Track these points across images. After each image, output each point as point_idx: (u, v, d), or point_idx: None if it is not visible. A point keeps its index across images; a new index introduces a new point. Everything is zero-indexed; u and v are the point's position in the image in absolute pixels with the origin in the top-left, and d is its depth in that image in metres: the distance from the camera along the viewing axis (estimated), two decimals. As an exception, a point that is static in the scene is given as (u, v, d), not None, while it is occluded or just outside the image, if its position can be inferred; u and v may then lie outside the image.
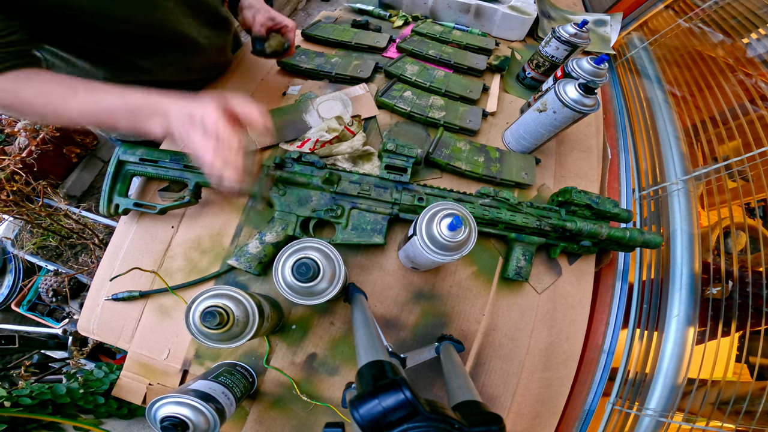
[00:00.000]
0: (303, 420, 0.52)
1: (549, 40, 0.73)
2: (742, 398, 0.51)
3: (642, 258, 0.70)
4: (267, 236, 0.54)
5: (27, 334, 0.99)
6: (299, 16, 2.46)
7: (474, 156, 0.67)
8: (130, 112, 0.44)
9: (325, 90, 0.74)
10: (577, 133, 0.79)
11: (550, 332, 0.60)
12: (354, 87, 0.74)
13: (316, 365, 0.54)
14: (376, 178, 0.59)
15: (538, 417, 0.56)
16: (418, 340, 0.57)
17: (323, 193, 0.58)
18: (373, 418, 0.20)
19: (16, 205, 0.84)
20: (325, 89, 0.75)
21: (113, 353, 1.04)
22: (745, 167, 0.58)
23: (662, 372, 0.57)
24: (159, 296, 0.56)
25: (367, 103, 0.72)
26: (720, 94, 0.71)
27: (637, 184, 0.78)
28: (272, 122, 0.46)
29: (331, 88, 0.75)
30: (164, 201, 0.60)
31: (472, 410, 0.28)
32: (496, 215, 0.58)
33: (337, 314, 0.56)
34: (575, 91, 0.57)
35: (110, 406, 0.66)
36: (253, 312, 0.40)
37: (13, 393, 0.57)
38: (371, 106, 0.72)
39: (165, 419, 0.36)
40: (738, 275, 0.57)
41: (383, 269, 0.59)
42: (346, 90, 0.73)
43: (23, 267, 1.17)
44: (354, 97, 0.72)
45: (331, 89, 0.74)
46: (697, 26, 0.85)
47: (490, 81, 0.83)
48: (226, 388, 0.43)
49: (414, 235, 0.45)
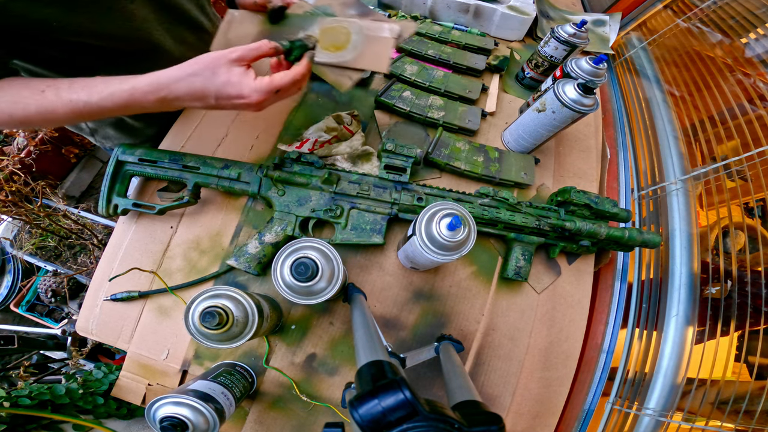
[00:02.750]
0: (303, 420, 0.52)
1: (548, 40, 0.73)
2: (742, 398, 0.51)
3: (641, 258, 0.70)
4: (266, 236, 0.54)
5: (26, 335, 0.99)
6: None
7: (473, 156, 0.67)
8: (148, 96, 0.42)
9: (348, 9, 0.54)
10: (576, 132, 0.79)
11: (550, 332, 0.60)
12: (381, 23, 0.51)
13: (316, 365, 0.54)
14: (375, 178, 0.59)
15: (537, 417, 0.56)
16: (418, 340, 0.57)
17: (322, 193, 0.58)
18: (373, 418, 0.20)
19: (14, 206, 0.84)
20: (351, 7, 0.54)
21: (112, 353, 1.04)
22: (744, 167, 0.58)
23: (661, 371, 0.57)
24: (158, 296, 0.56)
25: (380, 54, 0.51)
26: (719, 93, 0.71)
27: (636, 184, 0.78)
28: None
29: (356, 9, 0.54)
30: (163, 201, 0.60)
31: (472, 410, 0.28)
32: (495, 215, 0.58)
33: (336, 314, 0.56)
34: (574, 91, 0.57)
35: (110, 406, 0.66)
36: (252, 312, 0.40)
37: (13, 393, 0.57)
38: (382, 60, 0.51)
39: (164, 419, 0.36)
40: (737, 275, 0.57)
41: (382, 269, 0.59)
42: (369, 23, 0.51)
43: (22, 267, 1.17)
44: (371, 37, 0.51)
45: (357, 10, 0.54)
46: (695, 26, 0.85)
47: (489, 81, 0.83)
48: (225, 389, 0.43)
49: (413, 235, 0.45)
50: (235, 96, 0.41)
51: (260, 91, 0.41)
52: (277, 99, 0.44)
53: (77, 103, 0.41)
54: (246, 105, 0.42)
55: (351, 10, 0.54)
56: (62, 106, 0.41)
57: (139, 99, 0.41)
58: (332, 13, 0.54)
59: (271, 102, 0.44)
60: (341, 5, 0.55)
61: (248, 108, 0.43)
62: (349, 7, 0.54)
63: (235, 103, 0.42)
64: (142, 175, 0.57)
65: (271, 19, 0.53)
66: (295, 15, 0.54)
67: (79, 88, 0.41)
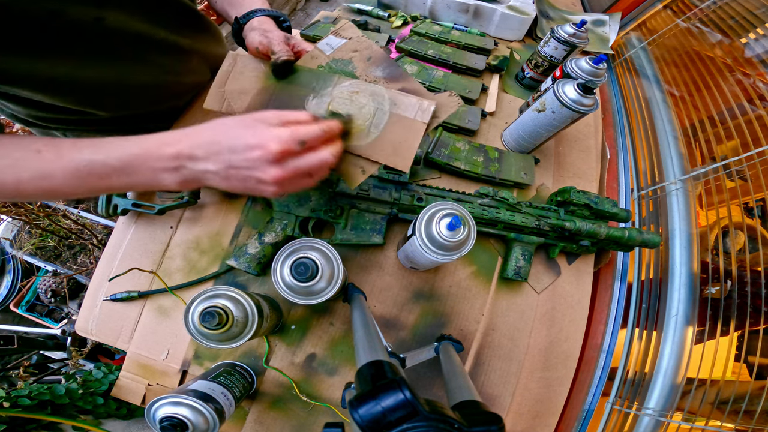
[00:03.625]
0: (302, 420, 0.52)
1: (548, 40, 0.73)
2: (741, 397, 0.51)
3: (641, 258, 0.70)
4: (266, 236, 0.54)
5: (26, 335, 0.99)
6: (298, 17, 2.46)
7: (473, 156, 0.67)
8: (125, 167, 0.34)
9: (374, 68, 0.43)
10: (576, 133, 0.79)
11: (550, 332, 0.60)
12: (411, 99, 0.41)
13: (316, 365, 0.54)
14: (375, 179, 0.59)
15: (537, 417, 0.56)
16: (418, 340, 0.57)
17: (322, 193, 0.57)
18: (373, 418, 0.20)
19: (14, 206, 0.84)
20: (378, 66, 0.43)
21: (112, 354, 1.03)
22: (744, 167, 0.58)
23: (661, 371, 0.57)
24: (158, 297, 0.56)
25: (405, 143, 0.41)
26: (718, 93, 0.71)
27: (635, 184, 0.78)
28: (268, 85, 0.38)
29: (384, 69, 0.43)
30: (163, 201, 0.60)
31: (472, 410, 0.28)
32: (495, 215, 0.58)
33: (336, 314, 0.56)
34: (574, 91, 0.57)
35: (109, 406, 0.66)
36: (252, 312, 0.40)
37: (12, 393, 0.57)
38: (406, 152, 0.41)
39: (164, 419, 0.36)
40: (737, 275, 0.57)
41: (382, 269, 0.59)
42: (397, 95, 0.41)
43: (22, 267, 1.17)
44: (397, 117, 0.40)
45: (385, 72, 0.42)
46: (695, 26, 0.85)
47: (488, 81, 0.83)
48: (225, 389, 0.43)
49: (413, 235, 0.45)
50: (254, 145, 0.32)
51: (281, 139, 0.32)
52: (300, 165, 0.34)
53: (80, 163, 0.34)
54: (262, 160, 0.32)
55: (377, 70, 0.42)
56: (62, 169, 0.34)
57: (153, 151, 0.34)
58: (352, 72, 0.43)
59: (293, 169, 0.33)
60: (365, 62, 0.43)
61: (264, 166, 0.32)
62: (376, 66, 0.42)
63: (250, 158, 0.32)
64: (141, 175, 0.57)
65: (276, 74, 0.44)
66: (306, 70, 0.43)
67: (85, 146, 0.35)
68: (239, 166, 0.33)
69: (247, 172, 0.33)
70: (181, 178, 0.34)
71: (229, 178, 0.33)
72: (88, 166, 0.34)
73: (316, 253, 0.42)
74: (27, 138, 0.37)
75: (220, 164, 0.33)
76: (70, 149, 0.34)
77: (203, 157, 0.33)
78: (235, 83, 0.44)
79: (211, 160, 0.33)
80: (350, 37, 0.44)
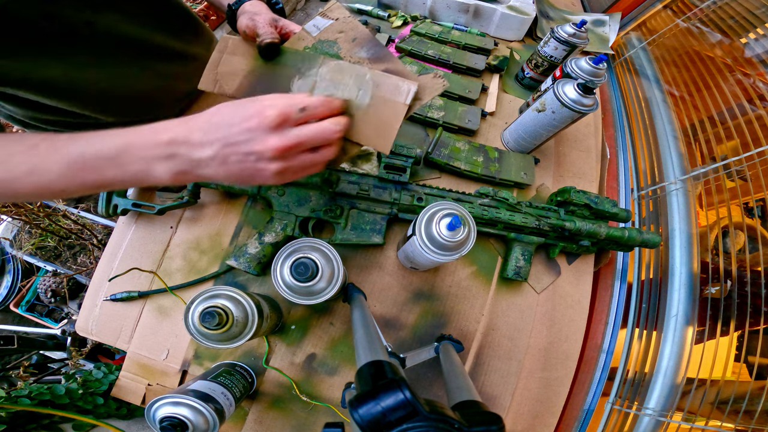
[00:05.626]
0: (302, 420, 0.52)
1: (548, 40, 0.73)
2: (741, 397, 0.51)
3: (641, 258, 0.70)
4: (266, 236, 0.54)
5: (26, 335, 0.99)
6: (298, 16, 2.46)
7: (473, 156, 0.67)
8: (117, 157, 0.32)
9: (358, 49, 0.42)
10: (576, 133, 0.79)
11: (550, 332, 0.60)
12: (395, 80, 0.39)
13: (316, 365, 0.54)
14: (375, 179, 0.59)
15: (537, 417, 0.56)
16: (418, 340, 0.57)
17: (322, 193, 0.57)
18: (373, 418, 0.20)
19: (14, 206, 0.84)
20: (363, 47, 0.42)
21: (112, 354, 1.03)
22: (744, 167, 0.58)
23: (661, 371, 0.57)
24: (158, 297, 0.56)
25: (386, 124, 0.39)
26: (718, 93, 0.71)
27: (635, 184, 0.78)
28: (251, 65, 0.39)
29: (368, 50, 0.42)
30: (163, 201, 0.60)
31: (472, 410, 0.28)
32: (495, 215, 0.58)
33: (336, 314, 0.56)
34: (574, 91, 0.57)
35: (109, 406, 0.66)
36: (252, 312, 0.40)
37: (12, 393, 0.56)
38: (387, 133, 0.39)
39: (164, 419, 0.36)
40: (737, 275, 0.58)
41: (382, 269, 0.59)
42: (380, 76, 0.39)
43: (22, 267, 1.16)
44: (379, 99, 0.39)
45: (369, 52, 0.42)
46: (695, 26, 0.85)
47: (488, 81, 0.83)
48: (225, 389, 0.43)
49: (413, 235, 0.45)
50: (251, 114, 0.31)
51: (277, 105, 0.31)
52: (301, 135, 0.32)
53: (74, 154, 0.33)
54: (260, 128, 0.31)
55: (362, 51, 0.42)
56: (56, 163, 0.33)
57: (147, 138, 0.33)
58: (337, 53, 0.43)
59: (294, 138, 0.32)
60: (350, 42, 0.43)
61: (262, 135, 0.31)
62: (361, 47, 0.42)
63: (246, 128, 0.31)
64: (141, 175, 0.57)
65: (263, 55, 0.44)
66: (292, 52, 0.44)
67: (81, 138, 0.33)
68: (236, 141, 0.31)
69: (246, 146, 0.31)
70: (175, 168, 0.32)
71: (227, 162, 0.32)
72: (82, 157, 0.32)
73: (316, 253, 0.42)
74: (24, 135, 0.36)
75: (217, 145, 0.31)
76: (66, 142, 0.33)
77: (199, 141, 0.31)
78: (227, 65, 0.45)
79: (207, 143, 0.31)
80: (336, 17, 0.44)
